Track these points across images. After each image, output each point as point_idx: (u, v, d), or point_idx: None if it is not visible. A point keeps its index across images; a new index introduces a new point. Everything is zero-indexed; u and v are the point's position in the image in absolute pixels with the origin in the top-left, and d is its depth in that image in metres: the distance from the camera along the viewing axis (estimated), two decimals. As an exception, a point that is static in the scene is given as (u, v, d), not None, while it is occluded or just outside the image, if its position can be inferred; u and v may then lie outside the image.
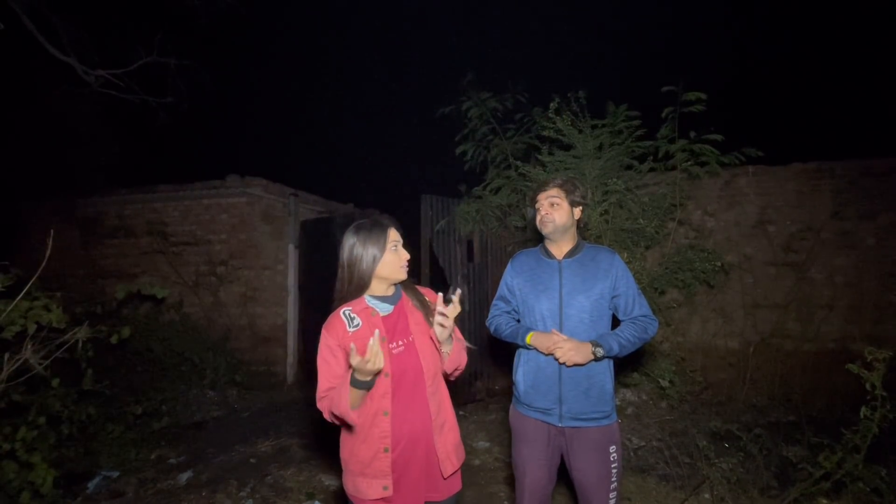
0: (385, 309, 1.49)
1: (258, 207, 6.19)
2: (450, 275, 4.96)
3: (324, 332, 1.43)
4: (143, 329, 5.33)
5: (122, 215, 6.32)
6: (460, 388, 4.82)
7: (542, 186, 1.88)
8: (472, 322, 4.97)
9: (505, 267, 2.05)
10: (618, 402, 3.97)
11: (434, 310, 1.45)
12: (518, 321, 1.96)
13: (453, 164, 5.47)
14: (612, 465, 1.73)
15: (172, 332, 5.55)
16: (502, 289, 2.01)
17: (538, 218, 1.86)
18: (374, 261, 1.45)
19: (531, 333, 1.78)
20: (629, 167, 4.13)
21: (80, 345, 2.54)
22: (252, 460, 3.61)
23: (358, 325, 1.43)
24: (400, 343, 1.46)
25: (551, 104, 4.12)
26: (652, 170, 4.18)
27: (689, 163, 3.97)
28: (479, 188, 4.91)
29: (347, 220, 6.05)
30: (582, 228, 1.95)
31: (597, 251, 1.85)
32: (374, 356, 1.23)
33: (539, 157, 4.33)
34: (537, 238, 2.01)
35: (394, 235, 1.48)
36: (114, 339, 3.30)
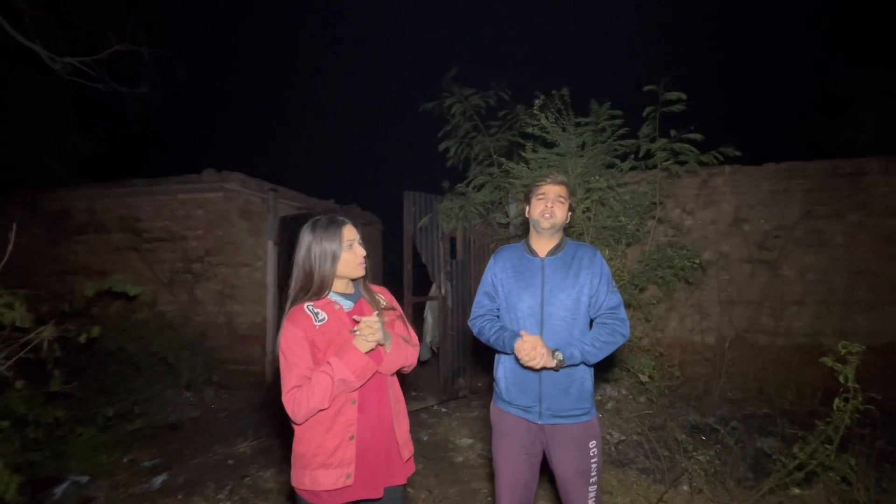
0: (347, 305, 1.51)
1: (236, 203, 6.04)
2: (433, 271, 4.94)
3: (288, 324, 1.41)
4: (115, 328, 5.14)
5: (92, 210, 6.07)
6: (442, 385, 4.81)
7: (548, 179, 1.81)
8: (455, 318, 4.96)
9: (487, 263, 2.03)
10: (598, 398, 4.02)
11: (387, 306, 1.55)
12: (498, 318, 1.92)
13: (437, 161, 5.45)
14: (592, 461, 1.73)
15: (146, 330, 5.36)
16: (486, 284, 1.95)
17: (539, 210, 1.78)
18: (335, 260, 1.45)
19: (518, 341, 1.67)
20: (611, 165, 4.17)
21: (45, 345, 2.41)
22: (230, 461, 3.52)
23: (324, 319, 1.44)
24: None
25: (535, 101, 4.13)
26: (633, 168, 4.24)
27: (669, 161, 4.04)
28: (462, 185, 4.90)
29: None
30: (566, 228, 1.94)
31: (578, 248, 1.83)
32: (374, 324, 1.34)
33: (523, 154, 4.34)
34: (523, 233, 1.99)
35: (349, 233, 1.48)
36: (82, 339, 3.18)
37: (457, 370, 4.94)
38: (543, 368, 1.66)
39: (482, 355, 5.09)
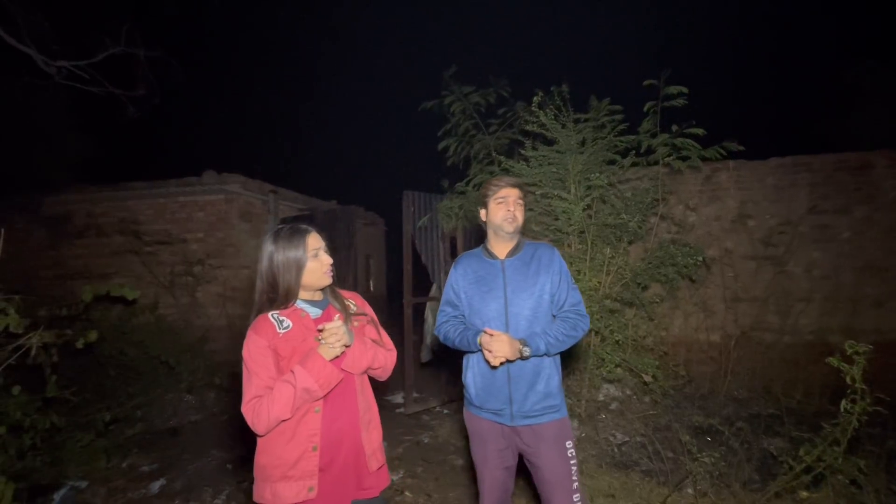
0: (315, 313, 1.47)
1: (236, 205, 6.03)
2: (433, 271, 4.89)
3: (252, 334, 1.38)
4: (115, 332, 5.13)
5: (92, 213, 6.08)
6: (443, 387, 4.77)
7: (504, 182, 1.83)
8: (455, 319, 4.90)
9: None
10: (602, 398, 3.96)
11: (358, 313, 1.52)
12: (462, 323, 1.91)
13: (440, 161, 5.40)
14: (571, 461, 1.73)
15: (147, 334, 5.35)
16: (448, 293, 1.95)
17: (501, 214, 1.80)
18: (299, 270, 1.41)
19: (482, 335, 1.69)
20: (612, 162, 4.11)
21: (34, 350, 2.39)
22: (228, 466, 3.50)
23: (288, 326, 1.40)
24: None
25: (534, 98, 4.07)
26: (634, 164, 4.16)
27: (671, 157, 3.96)
28: (462, 184, 4.84)
29: (329, 216, 5.94)
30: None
31: (536, 248, 1.85)
32: (339, 330, 1.31)
33: (522, 151, 4.28)
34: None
35: (314, 242, 1.44)
36: (79, 344, 3.17)
37: (458, 372, 4.89)
38: (508, 362, 1.67)
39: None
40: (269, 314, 1.40)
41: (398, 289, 4.79)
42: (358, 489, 1.42)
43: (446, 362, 4.84)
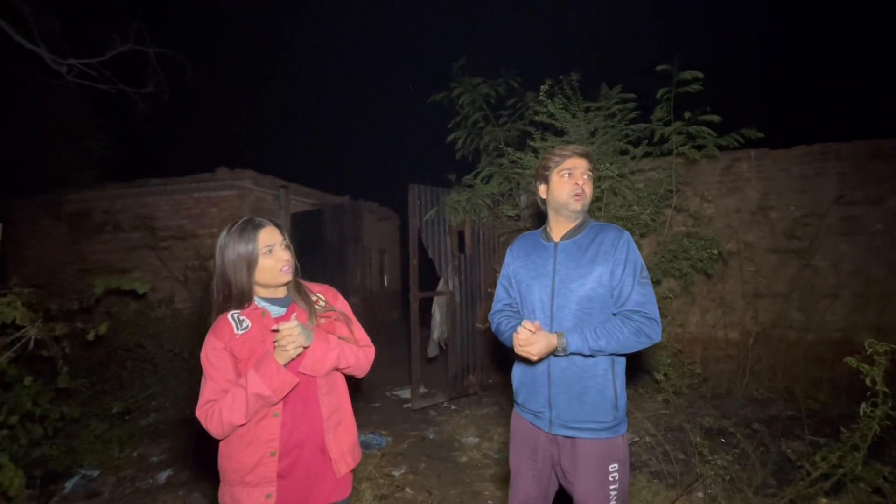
0: (277, 311, 1.39)
1: (248, 200, 6.09)
2: (440, 266, 4.83)
3: (210, 335, 1.32)
4: (132, 325, 5.27)
5: (110, 210, 6.24)
6: (451, 382, 4.72)
7: (571, 154, 1.53)
8: (463, 314, 4.84)
9: (497, 258, 1.88)
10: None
11: (326, 309, 1.41)
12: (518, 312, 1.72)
13: (447, 154, 5.33)
14: (612, 487, 1.45)
15: (163, 327, 5.48)
16: (503, 277, 1.76)
17: (568, 190, 1.52)
18: (251, 267, 1.32)
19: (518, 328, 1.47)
20: (623, 152, 3.96)
21: (32, 342, 2.44)
22: (235, 458, 3.53)
23: (247, 327, 1.33)
24: None
25: (542, 87, 3.96)
26: (647, 154, 4.00)
27: (685, 146, 3.79)
28: (470, 177, 4.76)
29: (337, 211, 5.93)
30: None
31: (601, 230, 1.55)
32: (293, 331, 1.22)
33: (531, 143, 4.17)
34: (536, 223, 1.82)
35: (267, 237, 1.32)
36: (90, 336, 3.22)
37: (466, 367, 4.84)
38: (550, 357, 1.46)
39: (493, 352, 4.96)
40: (229, 314, 1.33)
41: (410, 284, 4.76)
42: (323, 495, 1.36)
43: (457, 358, 4.78)
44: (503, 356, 5.12)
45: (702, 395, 4.09)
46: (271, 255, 1.33)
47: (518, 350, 1.43)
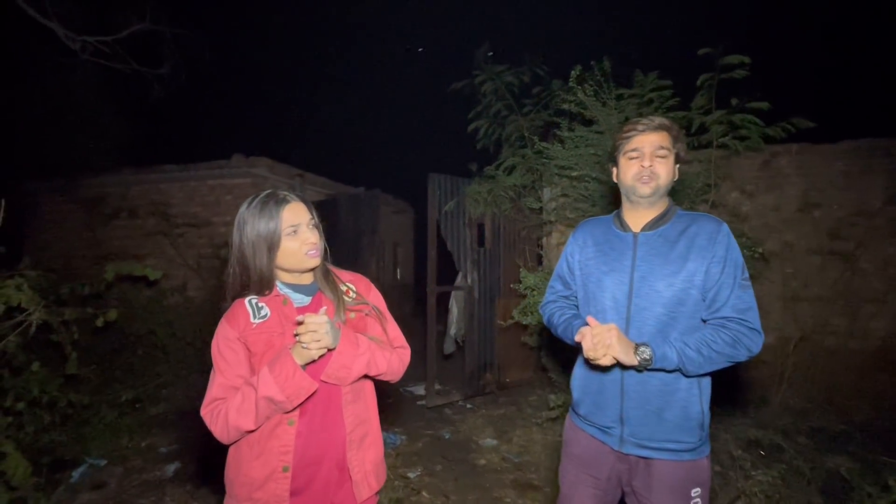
0: (300, 300, 1.20)
1: (263, 189, 5.99)
2: (458, 259, 4.66)
3: (223, 323, 1.15)
4: (145, 312, 5.21)
5: (126, 196, 6.19)
6: (467, 380, 4.55)
7: (639, 127, 1.31)
8: (482, 310, 4.66)
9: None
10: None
11: (358, 303, 1.22)
12: (576, 306, 1.52)
13: (468, 145, 5.15)
14: None
15: (176, 315, 5.42)
16: (561, 266, 1.55)
17: (633, 172, 1.32)
18: (272, 249, 1.13)
19: (582, 329, 1.27)
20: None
21: (33, 327, 2.33)
22: (245, 452, 3.42)
23: (266, 315, 1.15)
24: None
25: (572, 73, 3.74)
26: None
27: (727, 137, 3.54)
28: (492, 168, 4.57)
29: (353, 200, 5.79)
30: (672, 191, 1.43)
31: (693, 220, 1.31)
32: (320, 327, 1.03)
33: (557, 132, 3.96)
34: (595, 212, 1.61)
35: (293, 215, 1.14)
36: (99, 322, 3.13)
37: (483, 364, 4.66)
38: (621, 367, 1.27)
39: (511, 348, 4.77)
40: (247, 300, 1.16)
41: (424, 276, 4.60)
42: None
43: (474, 355, 4.61)
44: (521, 355, 4.94)
45: (735, 402, 3.85)
46: (296, 237, 1.14)
47: (587, 353, 1.22)
